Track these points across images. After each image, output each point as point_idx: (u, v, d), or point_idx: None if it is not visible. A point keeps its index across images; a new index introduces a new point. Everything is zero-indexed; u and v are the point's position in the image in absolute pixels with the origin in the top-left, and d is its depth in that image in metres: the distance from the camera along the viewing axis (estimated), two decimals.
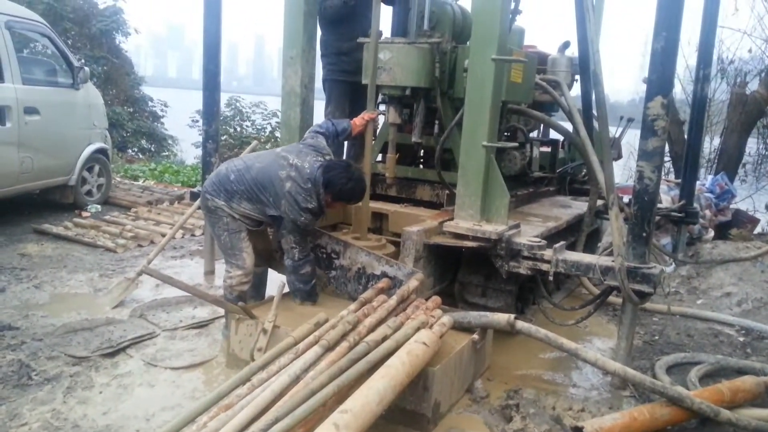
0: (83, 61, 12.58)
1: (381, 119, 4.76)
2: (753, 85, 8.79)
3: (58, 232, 6.04)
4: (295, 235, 3.62)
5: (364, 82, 4.32)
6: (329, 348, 2.79)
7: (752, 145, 9.44)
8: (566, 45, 5.51)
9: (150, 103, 15.72)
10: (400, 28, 4.46)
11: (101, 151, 7.30)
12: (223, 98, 6.90)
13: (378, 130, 4.78)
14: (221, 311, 4.04)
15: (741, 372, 3.67)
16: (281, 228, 3.67)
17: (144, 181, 9.48)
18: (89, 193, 7.26)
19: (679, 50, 3.36)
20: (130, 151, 14.37)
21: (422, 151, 5.08)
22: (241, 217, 3.70)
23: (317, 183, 3.58)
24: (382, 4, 4.21)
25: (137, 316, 4.19)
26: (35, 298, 4.40)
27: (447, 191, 4.46)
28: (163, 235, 5.70)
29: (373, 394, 2.40)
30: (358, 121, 4.11)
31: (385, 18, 4.73)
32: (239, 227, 3.72)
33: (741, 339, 4.43)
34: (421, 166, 5.08)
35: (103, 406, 3.01)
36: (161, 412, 3.00)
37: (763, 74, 8.64)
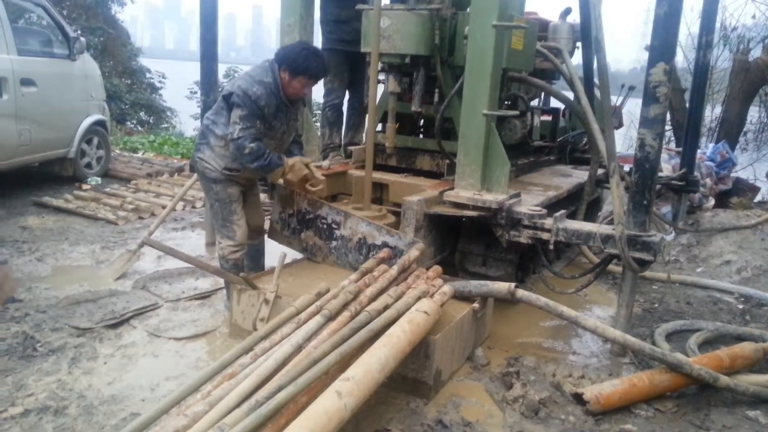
0: (79, 31, 12.49)
1: (380, 90, 4.71)
2: (756, 53, 8.71)
3: (59, 204, 6.04)
4: (241, 108, 3.41)
5: (363, 50, 4.27)
6: (331, 317, 2.81)
7: (753, 113, 9.38)
8: (567, 11, 5.42)
9: (148, 75, 15.62)
10: None
11: (100, 123, 7.25)
12: (221, 69, 6.82)
13: (377, 101, 4.74)
14: (223, 282, 4.06)
15: (740, 339, 3.71)
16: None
17: (143, 153, 9.45)
18: (89, 165, 7.23)
19: (681, 17, 3.31)
20: (128, 123, 14.31)
21: (422, 120, 5.05)
22: (224, 170, 3.61)
23: (272, 65, 3.54)
24: None
25: (140, 287, 4.21)
26: (38, 271, 4.41)
27: (447, 161, 4.45)
28: (164, 207, 5.70)
29: (374, 362, 2.42)
30: (287, 173, 3.72)
31: None
32: (230, 196, 3.68)
33: (740, 306, 4.45)
34: (421, 136, 5.06)
35: (107, 377, 3.04)
36: (165, 382, 3.03)
37: (766, 41, 8.54)
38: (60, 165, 6.91)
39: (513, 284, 3.31)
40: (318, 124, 5.85)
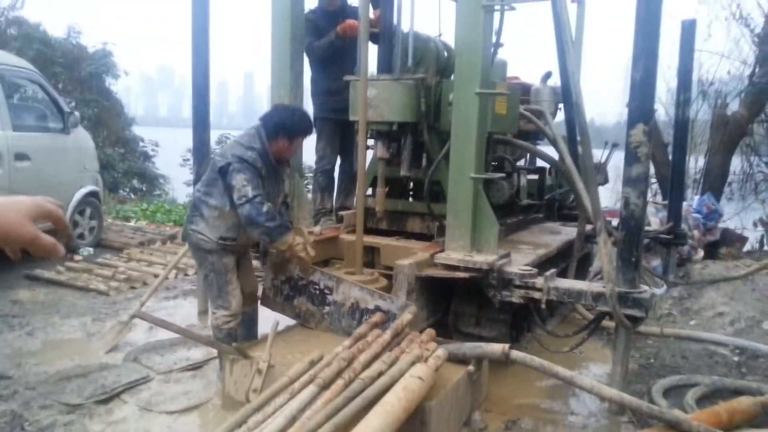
0: (74, 104, 12.73)
1: (369, 156, 4.82)
2: (734, 106, 8.98)
3: (50, 276, 6.02)
4: (245, 172, 3.46)
5: (351, 118, 4.39)
6: (325, 386, 2.79)
7: (737, 163, 9.58)
8: (548, 75, 5.62)
9: (141, 144, 15.80)
10: (385, 65, 4.56)
11: (93, 194, 7.31)
12: (214, 136, 6.95)
13: (367, 166, 4.83)
14: (216, 352, 4.02)
15: (737, 392, 3.68)
16: (228, 179, 3.51)
17: (136, 222, 9.48)
18: (81, 236, 7.24)
19: (659, 75, 3.45)
20: (121, 191, 14.38)
21: (411, 184, 5.13)
22: (220, 240, 3.65)
23: (259, 131, 3.62)
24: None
25: (131, 360, 4.16)
26: (27, 346, 4.37)
27: (437, 223, 4.51)
28: (156, 276, 5.70)
29: None
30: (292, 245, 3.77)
31: (370, 56, 4.84)
32: (225, 266, 3.71)
33: (736, 359, 4.44)
34: (411, 199, 5.13)
35: None
36: None
37: (742, 95, 8.82)
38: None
39: (507, 345, 3.31)
40: (309, 188, 5.93)
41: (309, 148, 4.83)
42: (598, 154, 6.11)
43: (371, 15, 4.68)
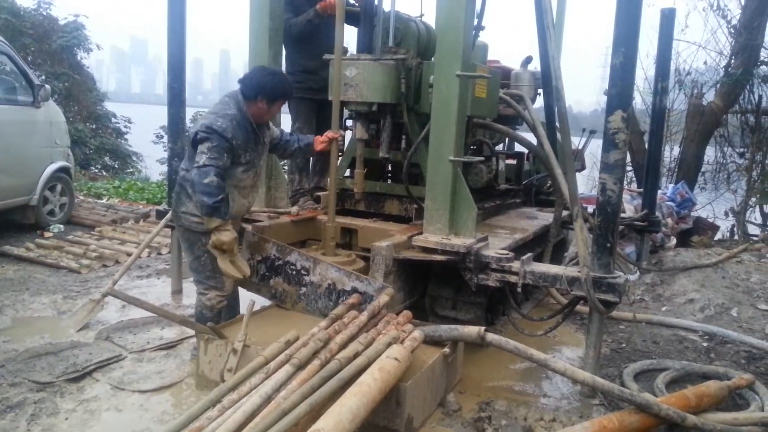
0: (44, 78, 12.40)
1: (348, 136, 4.78)
2: (709, 96, 9.10)
3: (20, 253, 5.89)
4: (209, 141, 3.36)
5: (330, 98, 4.34)
6: (300, 366, 2.78)
7: (711, 153, 9.73)
8: (528, 60, 5.61)
9: (113, 120, 15.50)
10: (366, 45, 4.50)
11: (63, 170, 7.15)
12: (189, 113, 6.82)
13: (345, 146, 4.79)
14: (190, 332, 3.98)
15: (705, 377, 3.76)
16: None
17: (108, 199, 9.31)
18: (51, 212, 7.10)
19: (637, 64, 3.46)
20: (93, 168, 14.11)
21: (390, 165, 5.11)
22: None
23: (236, 95, 3.55)
24: (347, 25, 4.25)
25: (103, 338, 4.10)
26: None
27: (415, 205, 4.50)
28: (129, 255, 5.61)
29: (345, 412, 2.40)
30: (320, 138, 4.04)
31: (350, 36, 4.78)
32: None
33: (705, 344, 4.54)
34: (389, 181, 5.11)
35: None
36: None
37: (718, 86, 8.93)
38: (21, 213, 6.76)
39: (483, 328, 3.33)
40: (286, 168, 5.87)
41: (284, 128, 4.77)
42: (576, 141, 6.15)
43: None
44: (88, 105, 14.67)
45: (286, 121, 4.78)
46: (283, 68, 4.92)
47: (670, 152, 9.77)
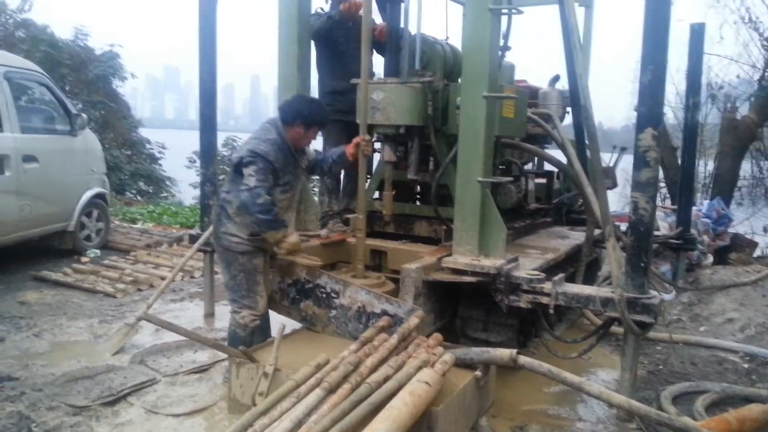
0: (81, 106, 12.79)
1: (375, 158, 4.80)
2: (743, 110, 8.93)
3: (57, 278, 6.04)
4: (254, 164, 3.55)
5: (358, 120, 4.38)
6: (331, 390, 2.77)
7: (747, 167, 9.53)
8: (556, 78, 5.59)
9: (147, 146, 15.88)
10: (393, 69, 4.54)
11: (100, 196, 7.34)
12: (220, 138, 6.96)
13: (374, 168, 4.82)
14: (222, 355, 4.02)
15: (747, 399, 3.64)
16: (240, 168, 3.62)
17: (143, 224, 9.51)
18: (88, 238, 7.27)
19: (667, 79, 3.42)
20: (128, 193, 14.44)
21: (418, 187, 5.12)
22: (251, 236, 3.68)
23: (275, 122, 3.75)
24: (375, 53, 4.29)
25: (137, 362, 4.16)
26: (35, 347, 4.37)
27: (444, 227, 4.49)
28: (163, 278, 5.70)
29: None
30: (350, 147, 4.09)
31: (378, 59, 4.83)
32: (256, 267, 3.74)
33: (746, 365, 4.40)
34: (418, 203, 5.11)
35: None
36: None
37: (752, 99, 8.77)
38: (59, 238, 6.94)
39: (515, 351, 3.28)
40: (316, 191, 5.92)
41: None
42: (607, 158, 6.08)
43: (378, 23, 4.67)
44: (123, 132, 15.08)
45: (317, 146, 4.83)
46: (313, 93, 4.98)
47: (705, 167, 9.60)
